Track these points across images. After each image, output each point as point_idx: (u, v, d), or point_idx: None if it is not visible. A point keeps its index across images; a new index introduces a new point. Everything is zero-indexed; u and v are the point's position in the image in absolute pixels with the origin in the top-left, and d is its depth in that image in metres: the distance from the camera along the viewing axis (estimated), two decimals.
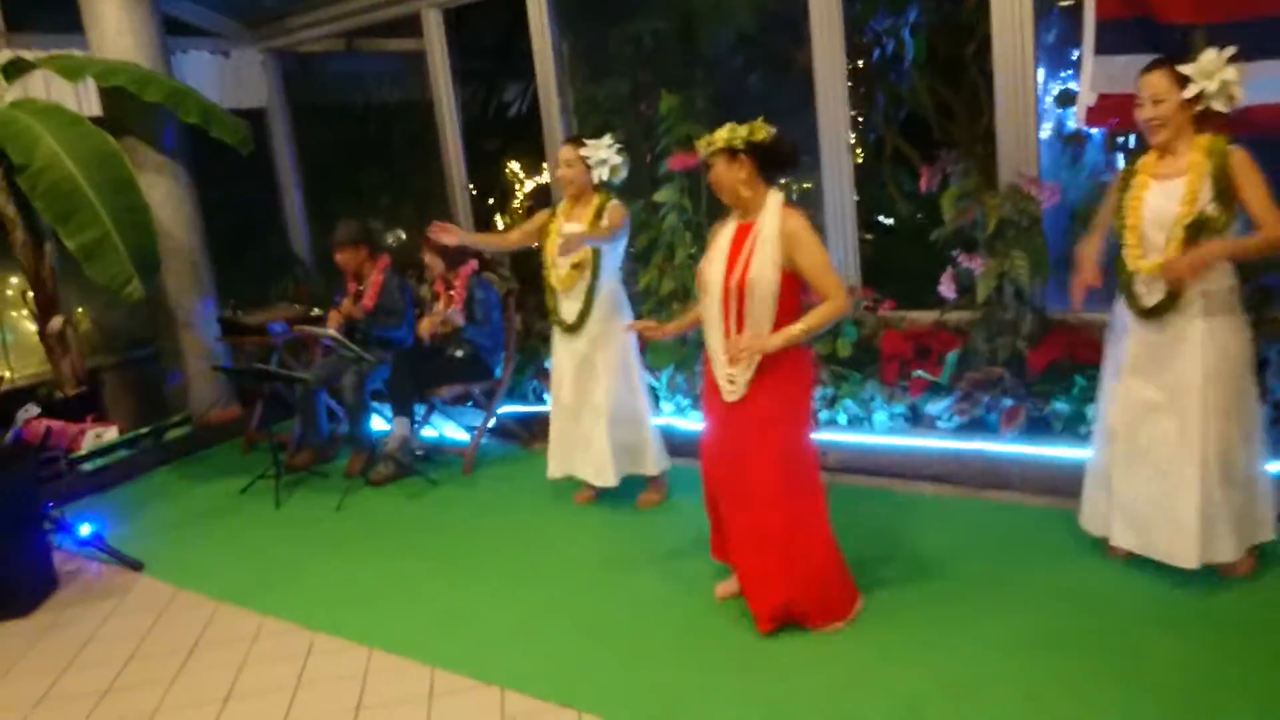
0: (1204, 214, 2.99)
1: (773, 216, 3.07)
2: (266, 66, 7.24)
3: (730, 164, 3.11)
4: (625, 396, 4.26)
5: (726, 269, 3.10)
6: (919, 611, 3.24)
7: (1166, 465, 3.15)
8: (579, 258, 4.20)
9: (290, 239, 7.52)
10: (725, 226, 3.22)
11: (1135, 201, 3.14)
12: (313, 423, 5.52)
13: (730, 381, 3.13)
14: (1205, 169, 3.01)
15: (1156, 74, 3.07)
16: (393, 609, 3.71)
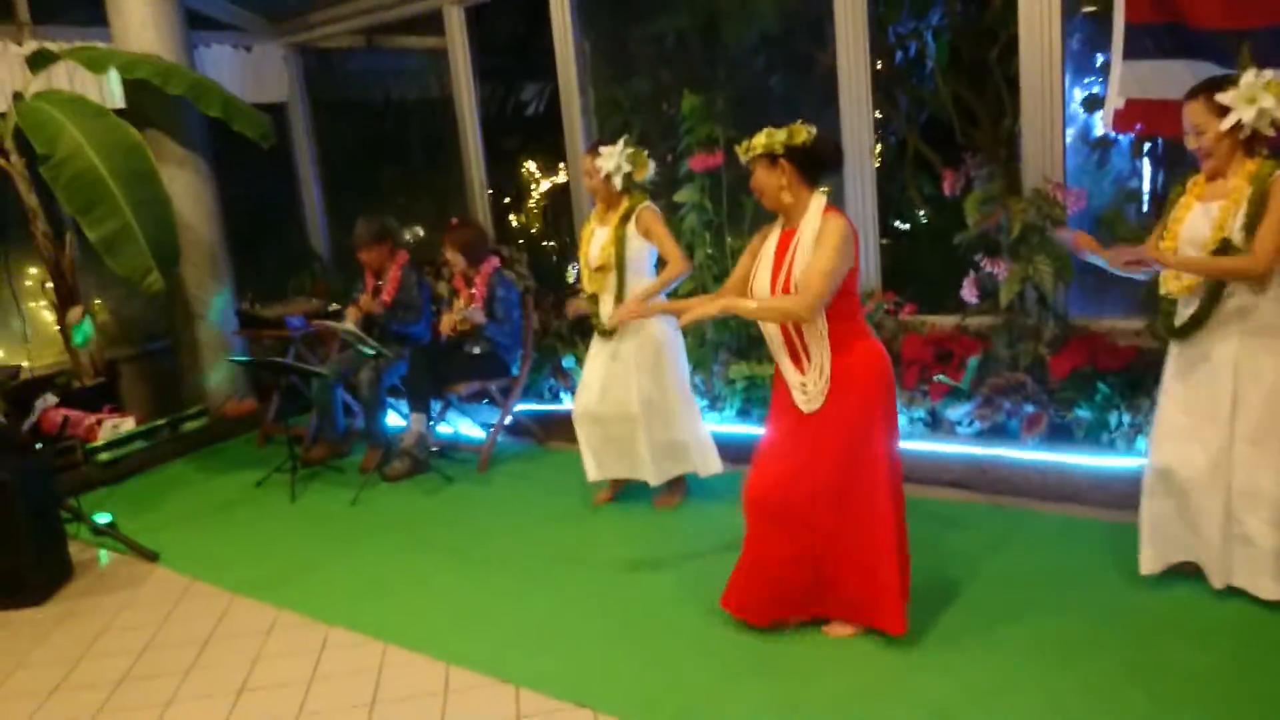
0: (1229, 241, 2.93)
1: (814, 219, 2.98)
2: (288, 61, 7.26)
3: (770, 170, 3.03)
4: (656, 396, 4.19)
5: (773, 276, 3.02)
6: (940, 618, 3.21)
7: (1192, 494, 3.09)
8: (601, 260, 4.18)
9: (309, 234, 7.53)
10: (770, 235, 3.15)
11: (1176, 223, 3.10)
12: (329, 417, 5.52)
13: (802, 387, 3.04)
14: (1245, 194, 2.92)
15: (1196, 104, 2.99)
16: (408, 604, 3.70)
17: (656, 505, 4.37)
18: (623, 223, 4.15)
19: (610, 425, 4.24)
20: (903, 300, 4.87)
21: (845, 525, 3.04)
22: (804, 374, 3.03)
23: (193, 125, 6.08)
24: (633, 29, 6.61)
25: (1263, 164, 2.93)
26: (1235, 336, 2.99)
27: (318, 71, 7.80)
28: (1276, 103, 2.87)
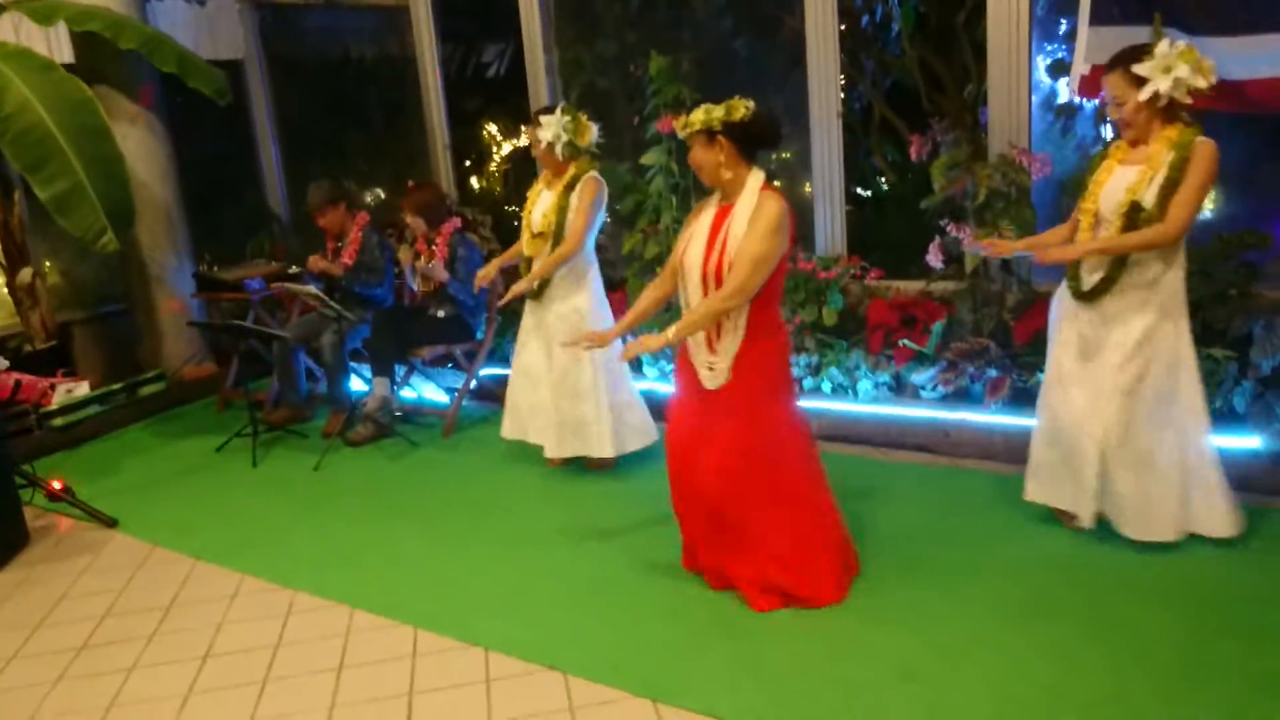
0: (1138, 203, 3.05)
1: (750, 198, 2.98)
2: (244, 17, 7.07)
3: (709, 146, 3.01)
4: (572, 370, 4.20)
5: (705, 253, 3.02)
6: (905, 579, 3.25)
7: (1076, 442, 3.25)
8: (542, 226, 4.20)
9: (267, 195, 7.38)
10: (706, 208, 3.13)
11: (1097, 185, 3.21)
12: (290, 381, 5.45)
13: (710, 366, 3.08)
14: (1164, 159, 3.04)
15: (1114, 76, 3.10)
16: (374, 570, 3.68)
17: (588, 466, 4.42)
18: (567, 191, 4.16)
19: (538, 387, 4.33)
20: (869, 265, 4.89)
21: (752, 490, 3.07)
22: (714, 354, 3.07)
23: (145, 81, 5.91)
24: None
25: (1183, 130, 3.05)
26: (1139, 305, 3.12)
27: (274, 28, 7.60)
28: (1191, 71, 2.97)
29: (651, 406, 4.41)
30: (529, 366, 4.38)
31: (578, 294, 4.24)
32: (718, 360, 3.05)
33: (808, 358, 4.70)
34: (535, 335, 4.36)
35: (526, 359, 4.39)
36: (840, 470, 4.19)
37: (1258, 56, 3.49)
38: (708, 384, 3.08)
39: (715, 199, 3.13)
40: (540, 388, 4.33)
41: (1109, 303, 3.17)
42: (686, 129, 3.03)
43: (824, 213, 5.01)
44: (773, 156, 6.61)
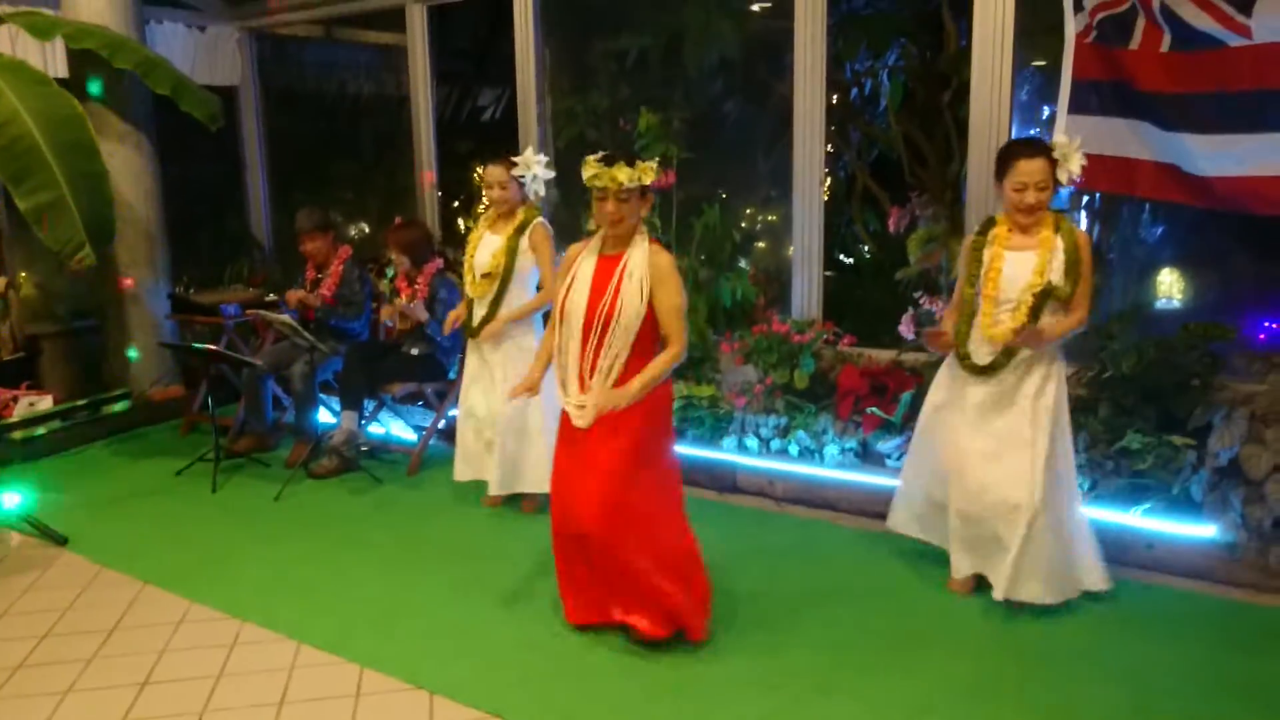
0: (1051, 284, 3.23)
1: (643, 250, 3.12)
2: (242, 45, 7.13)
3: (641, 200, 3.13)
4: (513, 411, 4.25)
5: (592, 299, 3.11)
6: (855, 645, 3.24)
7: (997, 508, 3.34)
8: (490, 267, 4.31)
9: (250, 221, 7.38)
10: (584, 257, 3.21)
11: (994, 273, 3.33)
12: (258, 409, 5.40)
13: (579, 407, 3.14)
14: (1054, 243, 3.24)
15: (1042, 162, 3.25)
16: (325, 604, 3.63)
17: (523, 508, 4.49)
18: (517, 234, 4.29)
19: (483, 428, 4.39)
20: (841, 331, 4.94)
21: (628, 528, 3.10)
22: (584, 393, 3.14)
23: (137, 101, 5.94)
24: (595, 42, 6.64)
25: (1059, 216, 3.31)
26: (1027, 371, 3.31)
27: (272, 58, 7.68)
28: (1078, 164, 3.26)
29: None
30: (474, 408, 4.44)
31: (525, 335, 4.36)
32: (587, 399, 3.12)
33: (777, 419, 4.72)
34: (479, 377, 4.43)
35: (472, 401, 4.45)
36: (801, 533, 4.22)
37: (1226, 155, 3.60)
38: (577, 422, 3.14)
39: (592, 247, 3.21)
40: (485, 428, 4.39)
41: (1005, 375, 3.34)
42: (635, 180, 3.06)
43: (802, 277, 5.07)
44: (758, 219, 6.71)
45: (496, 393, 4.32)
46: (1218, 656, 3.14)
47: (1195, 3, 3.62)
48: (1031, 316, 3.26)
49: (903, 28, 5.95)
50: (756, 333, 4.90)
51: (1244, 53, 3.53)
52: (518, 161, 4.32)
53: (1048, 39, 4.38)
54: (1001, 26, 4.42)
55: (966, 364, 3.41)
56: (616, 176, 3.04)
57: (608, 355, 3.10)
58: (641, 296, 3.08)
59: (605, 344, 3.09)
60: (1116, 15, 3.86)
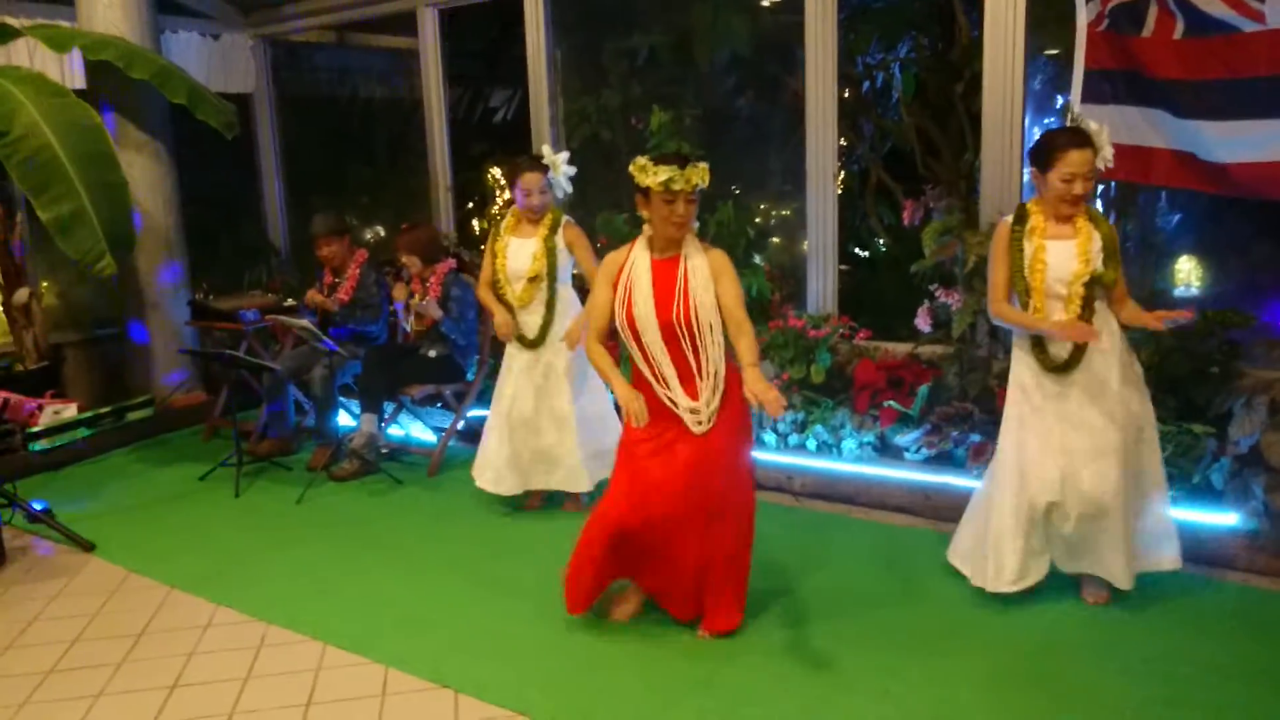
0: (1097, 271, 3.19)
1: (697, 249, 3.15)
2: (256, 52, 7.19)
3: (697, 203, 3.13)
4: (588, 401, 4.31)
5: (663, 305, 3.10)
6: (879, 641, 3.24)
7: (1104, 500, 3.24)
8: (533, 270, 4.27)
9: (267, 227, 7.45)
10: (632, 263, 3.18)
11: (1040, 264, 3.25)
12: (279, 413, 5.46)
13: (695, 413, 3.13)
14: (1091, 232, 3.22)
15: (1089, 153, 3.18)
16: (349, 606, 3.66)
17: (566, 508, 4.47)
18: (551, 234, 4.26)
19: (545, 434, 4.31)
20: (858, 325, 4.94)
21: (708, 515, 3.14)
22: (698, 399, 3.13)
23: (154, 110, 6.00)
24: (606, 42, 6.66)
25: (1095, 212, 3.29)
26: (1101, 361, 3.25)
27: (286, 64, 7.74)
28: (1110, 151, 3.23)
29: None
30: (529, 417, 4.31)
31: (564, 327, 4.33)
32: (701, 406, 3.12)
33: (794, 414, 4.73)
34: (535, 380, 4.32)
35: (524, 409, 4.31)
36: (820, 528, 4.22)
37: (1242, 141, 3.59)
38: (697, 429, 3.13)
39: (640, 252, 3.18)
40: (544, 432, 4.32)
41: (1077, 373, 3.27)
42: (690, 185, 3.06)
43: (816, 272, 5.08)
44: (772, 214, 6.71)
45: (566, 394, 4.27)
46: (1243, 645, 3.13)
47: None
48: (1085, 307, 3.21)
49: (914, 20, 5.93)
50: (773, 328, 4.91)
51: (1258, 38, 3.51)
52: (546, 160, 4.30)
53: (1060, 28, 4.37)
54: (1013, 17, 4.40)
55: (1045, 361, 3.30)
56: (691, 179, 3.04)
57: (710, 356, 3.11)
58: (711, 294, 3.11)
59: (701, 347, 3.11)
60: (1128, 3, 3.85)
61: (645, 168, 3.07)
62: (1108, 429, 3.23)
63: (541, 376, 4.32)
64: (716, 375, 3.12)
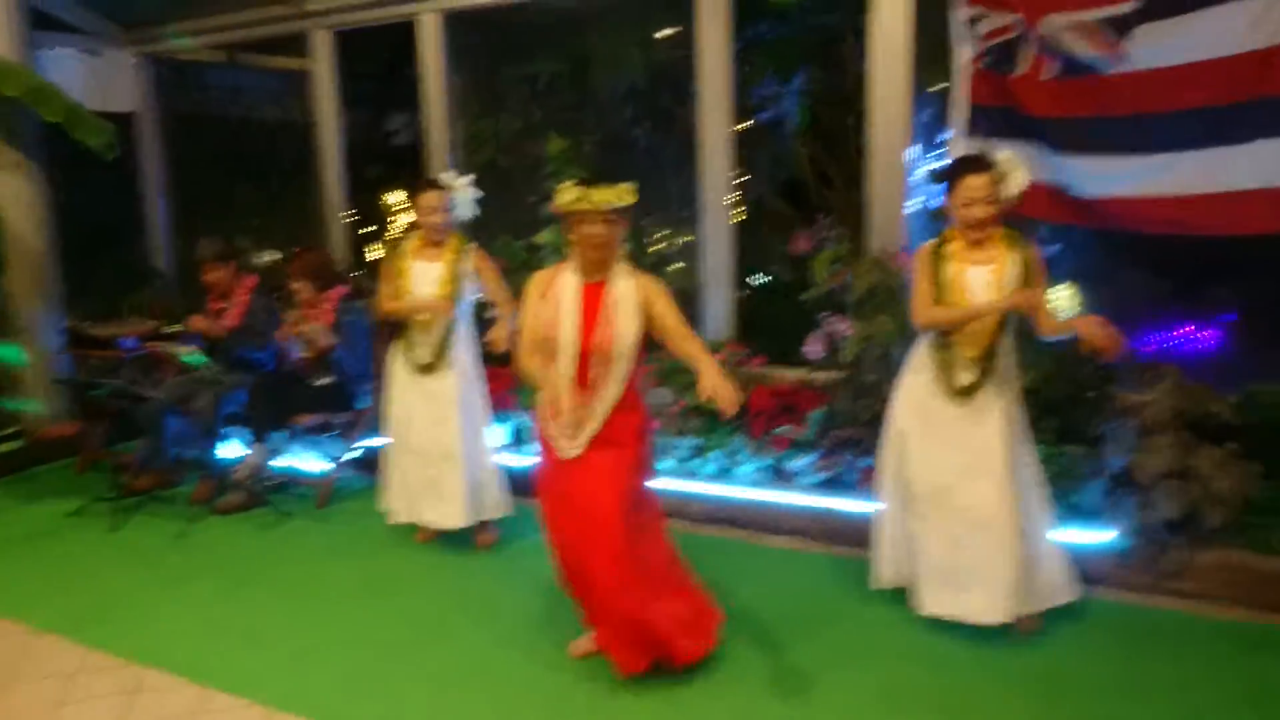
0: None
1: (628, 276, 3.14)
2: (140, 70, 6.94)
3: (617, 224, 3.10)
4: (473, 437, 4.25)
5: (584, 329, 3.09)
6: (773, 666, 3.27)
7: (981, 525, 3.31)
8: (440, 295, 4.20)
9: (151, 251, 7.17)
10: (562, 284, 3.16)
11: (960, 289, 3.33)
12: (159, 445, 5.22)
13: (574, 439, 3.11)
14: (1009, 258, 3.28)
15: (987, 177, 3.27)
16: (232, 646, 3.51)
17: (478, 544, 4.36)
18: (457, 259, 4.20)
19: (431, 464, 4.23)
20: (753, 352, 5.00)
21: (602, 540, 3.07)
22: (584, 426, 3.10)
23: (27, 129, 5.73)
24: (505, 67, 6.64)
25: (1011, 231, 3.34)
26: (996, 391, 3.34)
27: (173, 83, 7.49)
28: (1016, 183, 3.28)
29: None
30: (417, 443, 4.24)
31: (470, 358, 4.29)
32: (584, 432, 3.10)
33: (691, 440, 4.75)
34: (425, 408, 4.25)
35: (415, 437, 4.25)
36: (716, 553, 4.24)
37: (1109, 176, 3.78)
38: (569, 453, 3.12)
39: (567, 275, 3.17)
40: (431, 462, 4.23)
41: (979, 397, 3.34)
42: (611, 203, 3.04)
43: (713, 299, 5.13)
44: (676, 241, 6.76)
45: (453, 422, 4.19)
46: (1119, 659, 3.26)
47: (1077, 31, 3.80)
48: (999, 331, 3.30)
49: (806, 53, 6.08)
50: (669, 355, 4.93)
51: (1122, 79, 3.71)
52: (444, 183, 4.25)
53: (944, 64, 4.53)
54: (897, 53, 4.56)
55: (953, 386, 3.37)
56: (595, 199, 3.03)
57: (610, 384, 3.09)
58: (638, 323, 3.09)
59: (608, 374, 3.08)
60: (1005, 43, 4.02)
61: (558, 190, 3.10)
62: (990, 451, 3.32)
63: (431, 403, 4.24)
64: (610, 404, 3.10)
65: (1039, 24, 3.84)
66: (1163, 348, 5.12)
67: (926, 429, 3.45)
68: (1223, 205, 3.57)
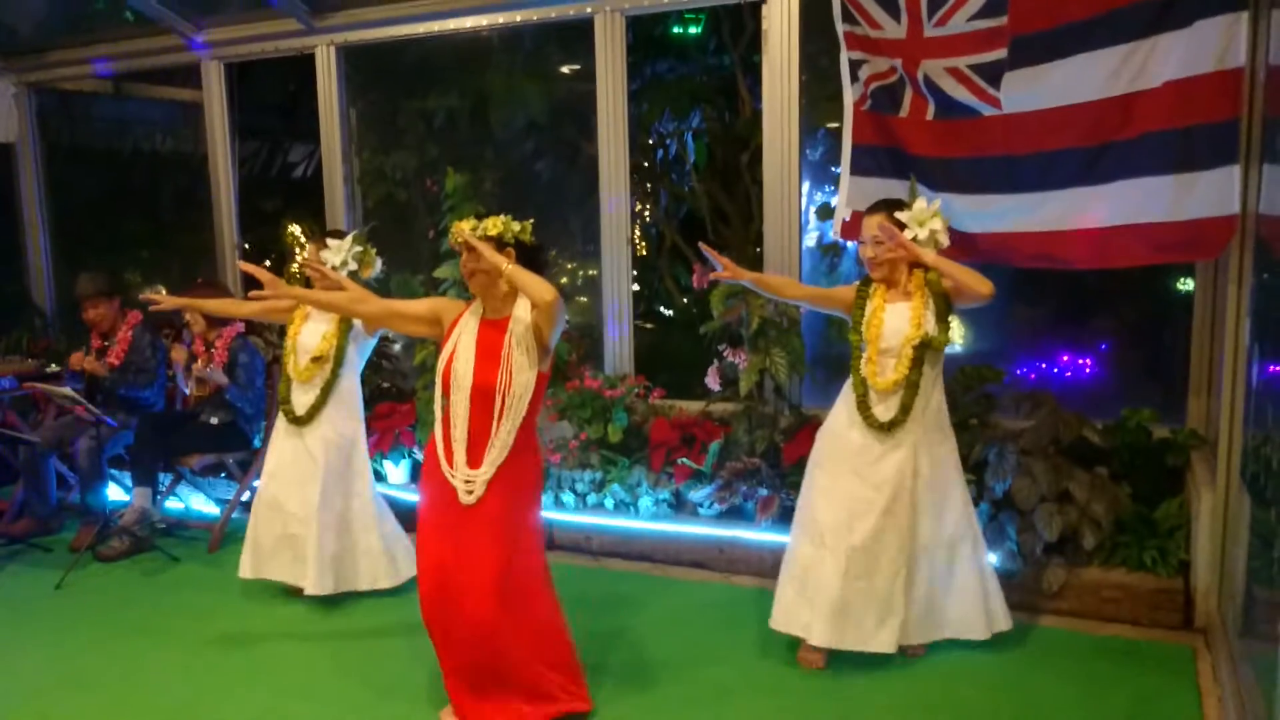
0: (928, 335, 3.37)
1: (525, 310, 3.04)
2: (19, 100, 6.69)
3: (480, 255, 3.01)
4: (337, 502, 4.08)
5: (478, 367, 3.02)
6: (668, 693, 3.29)
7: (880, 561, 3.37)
8: (320, 350, 4.12)
9: (30, 285, 6.89)
10: (464, 322, 3.12)
11: (877, 323, 3.45)
12: (38, 489, 5.01)
13: (468, 482, 3.03)
14: (926, 297, 3.40)
15: (879, 217, 3.43)
16: (113, 701, 3.36)
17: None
18: (346, 319, 4.10)
19: (290, 522, 4.07)
20: (652, 385, 5.05)
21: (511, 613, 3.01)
22: (474, 470, 3.02)
23: None
24: (402, 101, 6.62)
25: (926, 274, 3.43)
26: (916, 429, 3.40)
27: (56, 114, 7.25)
28: (943, 227, 3.40)
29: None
30: (283, 501, 4.08)
31: (348, 421, 4.17)
32: (478, 475, 3.02)
33: (592, 474, 4.77)
34: (293, 466, 4.11)
35: (282, 493, 4.10)
36: (617, 585, 4.25)
37: (985, 214, 3.95)
38: (465, 499, 3.03)
39: (473, 312, 3.13)
40: (294, 523, 4.06)
41: (900, 433, 3.40)
42: (478, 232, 3.02)
43: (612, 333, 5.18)
44: (579, 275, 6.81)
45: (317, 486, 4.02)
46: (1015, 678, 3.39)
47: (953, 75, 3.97)
48: (914, 368, 3.36)
49: (700, 93, 6.24)
50: (570, 389, 4.95)
51: (995, 121, 3.89)
52: (331, 244, 4.17)
53: (834, 105, 4.69)
54: (787, 93, 4.71)
55: (869, 419, 3.41)
56: (461, 229, 3.02)
57: (505, 427, 3.01)
58: (534, 363, 3.02)
59: (502, 416, 3.00)
60: (887, 85, 4.18)
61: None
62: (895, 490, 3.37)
63: (302, 457, 4.10)
64: (505, 446, 3.03)
65: (917, 69, 4.01)
66: (1040, 376, 5.36)
67: (835, 463, 3.50)
68: (1087, 241, 3.76)
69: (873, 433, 3.42)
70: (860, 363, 3.48)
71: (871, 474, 3.42)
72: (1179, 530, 3.86)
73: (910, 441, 3.40)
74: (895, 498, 3.38)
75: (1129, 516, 3.91)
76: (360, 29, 5.59)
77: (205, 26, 5.94)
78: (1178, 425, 4.18)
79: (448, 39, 5.53)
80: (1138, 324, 5.49)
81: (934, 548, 3.46)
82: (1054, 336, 5.48)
